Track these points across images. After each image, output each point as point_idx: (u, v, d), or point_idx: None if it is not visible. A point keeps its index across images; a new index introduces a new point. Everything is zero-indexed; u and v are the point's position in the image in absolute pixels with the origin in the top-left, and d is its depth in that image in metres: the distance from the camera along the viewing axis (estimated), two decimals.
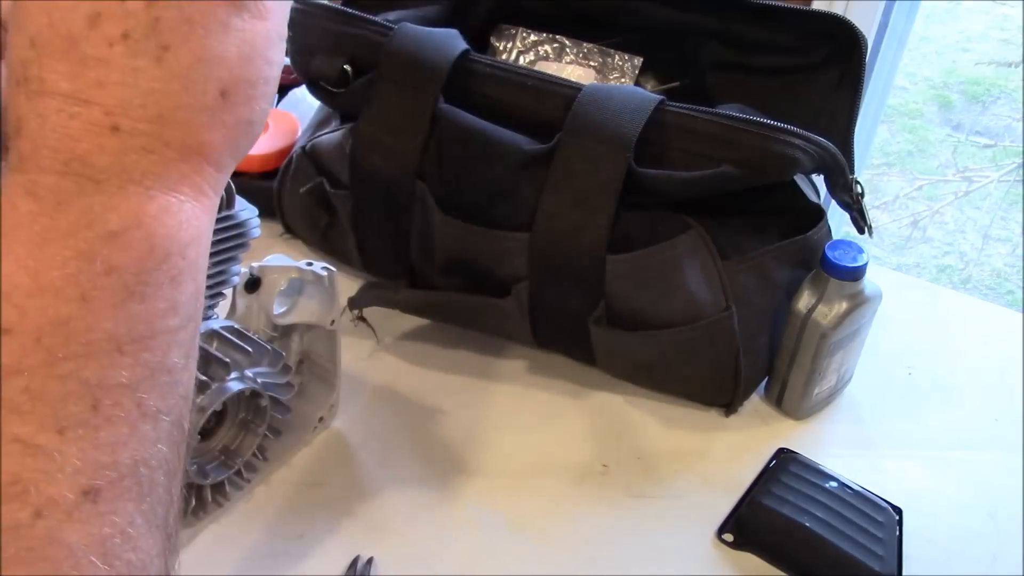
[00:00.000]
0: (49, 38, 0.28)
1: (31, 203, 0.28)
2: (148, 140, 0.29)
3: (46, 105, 0.28)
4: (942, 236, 2.55)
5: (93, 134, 0.28)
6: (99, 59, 0.28)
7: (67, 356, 0.27)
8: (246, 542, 0.54)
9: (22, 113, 0.28)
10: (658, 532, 0.56)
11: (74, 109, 0.28)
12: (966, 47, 3.30)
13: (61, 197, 0.28)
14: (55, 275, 0.27)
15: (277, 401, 0.54)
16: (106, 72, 0.28)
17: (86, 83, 0.28)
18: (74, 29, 0.28)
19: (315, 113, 0.77)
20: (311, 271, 0.54)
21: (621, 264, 0.59)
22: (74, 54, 0.28)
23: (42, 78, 0.28)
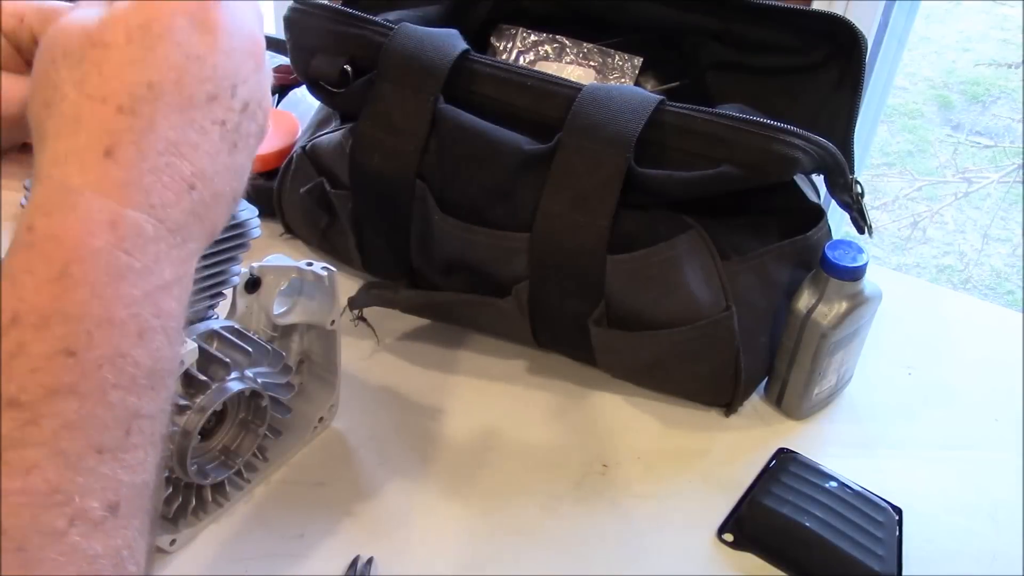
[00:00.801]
0: (170, 91, 0.33)
1: (111, 234, 0.31)
2: (204, 209, 0.34)
3: (150, 144, 0.32)
4: (942, 236, 2.56)
5: (178, 187, 0.33)
6: (202, 128, 0.34)
7: (117, 385, 0.30)
8: (246, 542, 0.54)
9: (122, 140, 0.32)
10: (658, 532, 0.56)
11: (172, 158, 0.33)
12: (966, 47, 3.30)
13: (140, 239, 0.31)
14: (124, 312, 0.31)
15: (277, 401, 0.54)
16: (203, 140, 0.34)
17: (187, 141, 0.33)
18: (196, 98, 0.33)
19: (315, 113, 0.77)
20: (311, 271, 0.54)
21: (621, 264, 0.59)
22: (187, 115, 0.33)
23: (154, 119, 0.32)
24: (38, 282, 0.30)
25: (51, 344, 0.30)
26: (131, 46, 0.33)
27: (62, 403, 0.29)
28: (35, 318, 0.30)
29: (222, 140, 0.35)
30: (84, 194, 0.31)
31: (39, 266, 0.30)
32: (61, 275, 0.30)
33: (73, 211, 0.31)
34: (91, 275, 0.30)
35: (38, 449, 0.29)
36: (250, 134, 0.37)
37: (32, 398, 0.29)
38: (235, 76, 0.36)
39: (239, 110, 0.36)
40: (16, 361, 0.29)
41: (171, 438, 0.48)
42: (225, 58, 0.35)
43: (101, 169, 0.31)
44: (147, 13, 0.33)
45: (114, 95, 0.32)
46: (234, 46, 0.36)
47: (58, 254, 0.30)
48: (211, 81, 0.34)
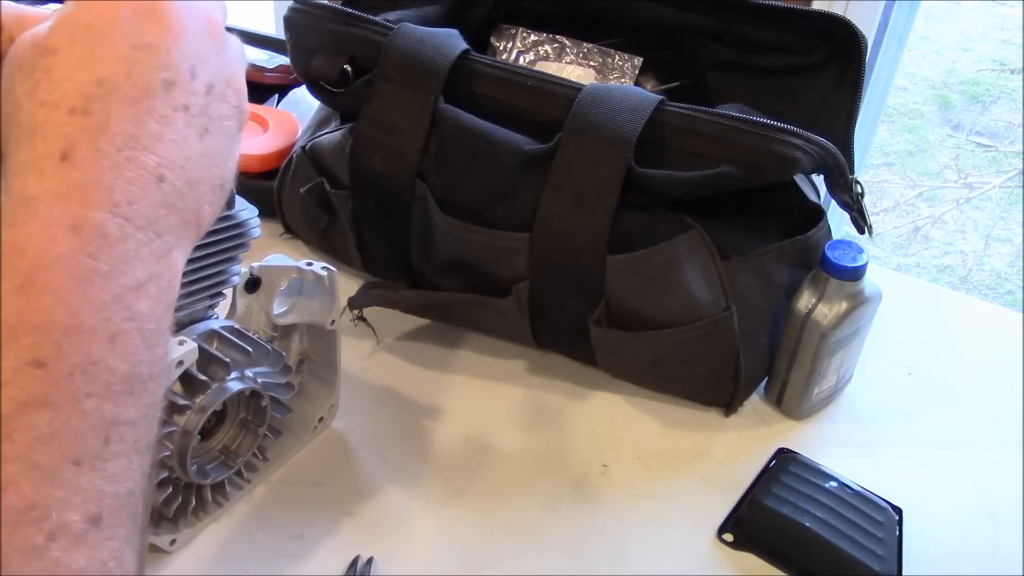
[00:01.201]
0: (122, 84, 0.32)
1: (74, 239, 0.30)
2: (178, 199, 0.33)
3: (107, 142, 0.31)
4: (942, 236, 2.56)
5: (144, 181, 0.32)
6: (163, 117, 0.33)
7: (91, 394, 0.30)
8: (246, 542, 0.54)
9: (77, 141, 0.31)
10: (658, 532, 0.56)
11: (132, 152, 0.32)
12: (966, 47, 3.30)
13: (105, 240, 0.31)
14: (92, 317, 0.30)
15: (277, 401, 0.54)
16: (165, 130, 0.33)
17: (147, 132, 0.32)
18: (150, 86, 0.32)
19: (315, 113, 0.77)
20: (311, 271, 0.54)
21: (621, 264, 0.59)
22: (143, 105, 0.32)
23: (108, 116, 0.31)
24: (3, 295, 0.29)
25: (19, 356, 0.29)
26: (76, 46, 0.32)
27: (34, 416, 0.28)
28: (2, 331, 0.29)
29: (188, 126, 0.34)
30: (44, 201, 0.30)
31: (4, 278, 0.30)
32: (25, 285, 0.29)
33: (34, 219, 0.30)
34: (55, 282, 0.30)
35: (12, 465, 0.28)
36: (222, 116, 0.35)
37: (4, 413, 0.28)
38: (192, 58, 0.34)
39: (203, 92, 0.34)
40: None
41: (171, 438, 0.48)
42: (178, 42, 0.34)
43: (60, 174, 0.31)
44: (91, 11, 0.33)
45: (65, 98, 0.32)
46: (187, 28, 0.34)
47: (21, 264, 0.30)
48: (166, 67, 0.33)
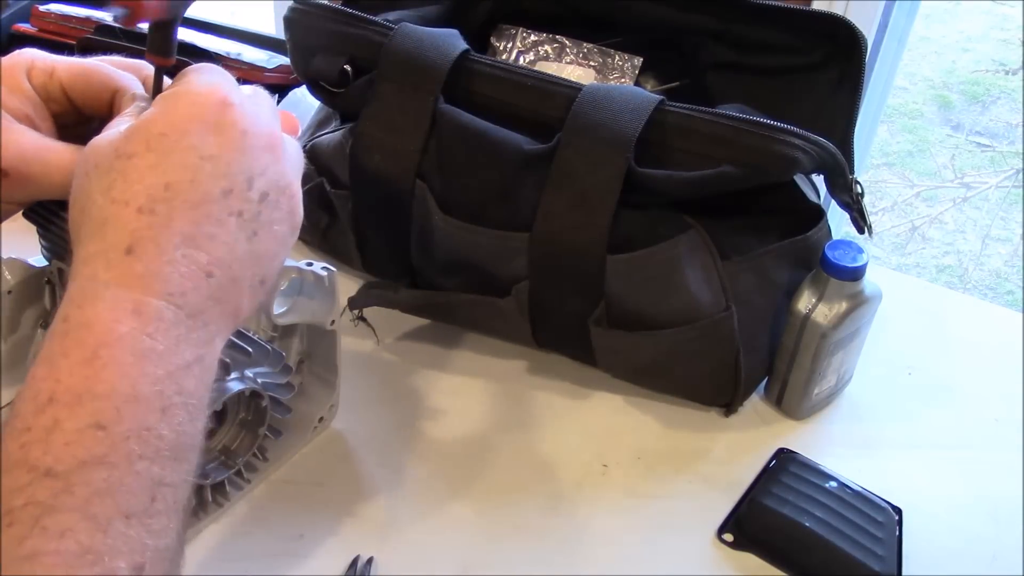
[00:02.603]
0: (185, 190, 0.37)
1: (135, 321, 0.35)
2: (223, 294, 0.38)
3: (167, 239, 0.36)
4: (942, 236, 2.55)
5: (195, 276, 0.37)
6: (218, 221, 0.37)
7: (143, 456, 0.34)
8: (246, 542, 0.54)
9: (141, 237, 0.36)
10: (658, 532, 0.56)
11: (188, 250, 0.36)
12: (966, 47, 3.30)
13: (162, 323, 0.35)
14: (148, 389, 0.34)
15: (277, 401, 0.54)
16: (219, 231, 0.37)
17: (203, 234, 0.37)
18: (210, 193, 0.37)
19: (315, 113, 0.77)
20: (311, 271, 0.54)
21: (621, 264, 0.59)
22: (203, 210, 0.37)
23: (171, 216, 0.36)
24: (72, 364, 0.34)
25: (83, 419, 0.33)
26: (151, 153, 0.37)
27: (93, 472, 0.32)
28: (69, 397, 0.33)
29: (239, 229, 0.38)
30: (110, 287, 0.35)
31: (73, 350, 0.34)
32: (92, 358, 0.34)
33: (101, 301, 0.35)
34: (118, 357, 0.34)
35: (71, 514, 0.31)
36: (273, 221, 0.40)
37: (66, 468, 0.32)
38: (251, 170, 0.39)
39: (257, 200, 0.39)
40: (52, 435, 0.33)
41: None
42: (239, 155, 0.38)
43: (124, 265, 0.35)
44: (166, 121, 0.38)
45: (135, 198, 0.36)
46: (249, 143, 0.39)
47: (89, 339, 0.34)
48: (225, 177, 0.38)
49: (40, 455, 0.32)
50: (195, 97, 0.39)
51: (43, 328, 0.60)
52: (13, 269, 0.58)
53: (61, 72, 0.45)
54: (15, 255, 0.57)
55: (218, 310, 0.38)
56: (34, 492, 0.32)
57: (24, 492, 0.32)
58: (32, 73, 0.44)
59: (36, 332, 0.61)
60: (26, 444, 0.33)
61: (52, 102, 0.45)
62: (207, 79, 0.40)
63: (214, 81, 0.40)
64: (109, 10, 0.41)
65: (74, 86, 0.45)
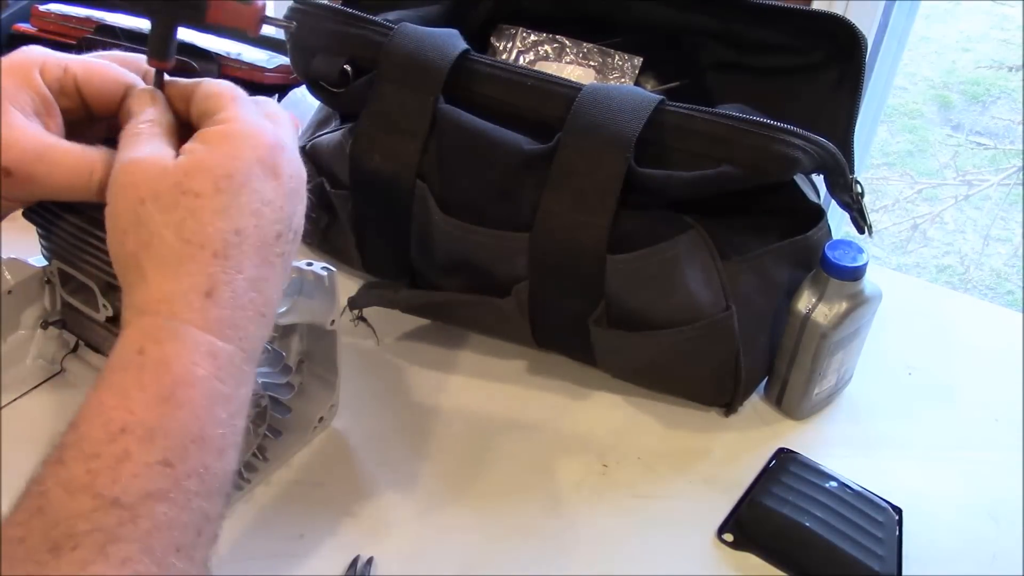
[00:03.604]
0: (252, 235, 0.39)
1: (211, 365, 0.37)
2: (267, 331, 0.40)
3: (239, 285, 0.38)
4: (942, 236, 2.55)
5: (256, 319, 0.39)
6: (271, 263, 0.40)
7: (198, 494, 0.35)
8: (246, 542, 0.54)
9: (219, 282, 0.38)
10: (658, 532, 0.56)
11: (252, 294, 0.39)
12: (966, 47, 3.30)
13: (231, 367, 0.37)
14: (214, 432, 0.36)
15: (277, 401, 0.54)
16: (271, 273, 0.40)
17: (261, 276, 0.39)
18: (268, 238, 0.40)
19: (315, 113, 0.77)
20: (311, 271, 0.54)
21: (621, 264, 0.59)
22: (263, 254, 0.39)
23: (241, 262, 0.38)
24: (148, 399, 0.35)
25: (154, 455, 0.34)
26: (220, 196, 0.38)
27: (156, 506, 0.34)
28: (142, 431, 0.35)
29: (281, 267, 0.41)
30: (190, 329, 0.37)
31: (150, 386, 0.35)
32: (169, 396, 0.35)
33: (181, 342, 0.36)
34: (194, 399, 0.36)
35: (133, 545, 0.33)
36: (293, 254, 0.42)
37: (132, 500, 0.33)
38: (292, 212, 0.41)
39: (291, 239, 0.41)
40: (122, 466, 0.34)
41: None
42: (287, 200, 0.41)
43: (203, 308, 0.37)
44: (231, 164, 0.39)
45: (210, 242, 0.38)
46: (292, 187, 0.41)
47: (167, 378, 0.36)
48: (279, 221, 0.40)
49: (108, 484, 0.33)
50: (253, 139, 0.40)
51: (43, 328, 0.60)
52: (13, 269, 0.58)
53: (75, 68, 0.45)
54: (15, 255, 0.57)
55: (260, 346, 0.40)
56: (100, 519, 0.33)
57: (89, 518, 0.33)
58: (45, 69, 0.44)
59: (36, 332, 0.61)
60: (94, 470, 0.34)
61: (65, 97, 0.45)
62: (255, 116, 0.42)
63: (261, 120, 0.42)
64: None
65: (88, 82, 0.45)
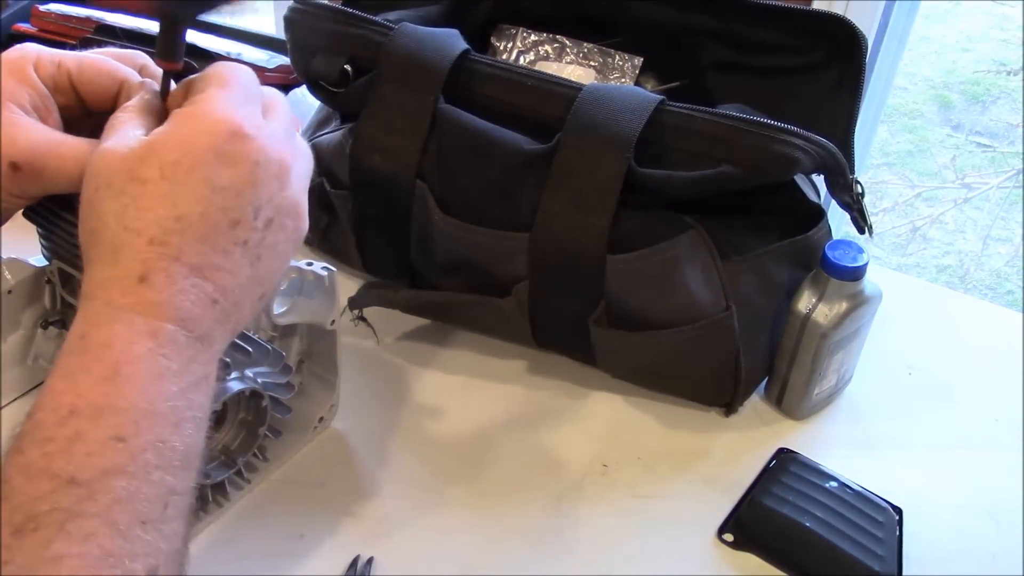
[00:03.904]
0: (196, 223, 0.38)
1: (152, 342, 0.37)
2: (226, 317, 0.39)
3: (177, 271, 0.37)
4: (942, 236, 2.55)
5: (203, 303, 0.38)
6: (224, 251, 0.38)
7: (159, 466, 0.36)
8: (246, 542, 0.54)
9: (153, 268, 0.37)
10: (658, 532, 0.56)
11: (196, 280, 0.38)
12: (966, 47, 3.30)
13: (175, 345, 0.37)
14: (164, 405, 0.36)
15: (277, 401, 0.54)
16: (224, 261, 0.39)
17: (209, 264, 0.38)
18: (219, 226, 0.38)
19: (315, 113, 0.77)
20: (311, 271, 0.54)
21: (621, 264, 0.59)
22: (210, 242, 0.38)
23: (181, 248, 0.37)
24: (93, 380, 0.35)
25: (104, 432, 0.35)
26: (164, 182, 0.37)
27: (113, 481, 0.34)
28: (91, 410, 0.35)
29: (243, 256, 0.39)
30: (126, 312, 0.37)
31: (93, 367, 0.36)
32: (113, 375, 0.36)
33: (119, 323, 0.36)
34: (137, 374, 0.36)
35: (94, 520, 0.33)
36: (277, 242, 0.41)
37: (88, 477, 0.34)
38: (258, 200, 0.39)
39: (262, 227, 0.40)
40: (75, 446, 0.34)
41: None
42: (250, 187, 0.39)
43: (138, 293, 0.37)
44: (180, 149, 0.38)
45: (147, 228, 0.37)
46: (260, 175, 0.39)
47: (109, 358, 0.36)
48: (235, 209, 0.39)
49: (63, 464, 0.34)
50: (211, 124, 0.39)
51: (43, 328, 0.60)
52: (13, 269, 0.58)
53: (69, 64, 0.45)
54: (15, 255, 0.57)
55: (221, 330, 0.40)
56: (58, 499, 0.33)
57: (48, 499, 0.33)
58: (39, 65, 0.44)
59: (36, 332, 0.61)
60: (49, 454, 0.34)
61: (60, 94, 0.45)
62: (226, 100, 0.40)
63: (232, 105, 0.40)
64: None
65: (82, 77, 0.45)
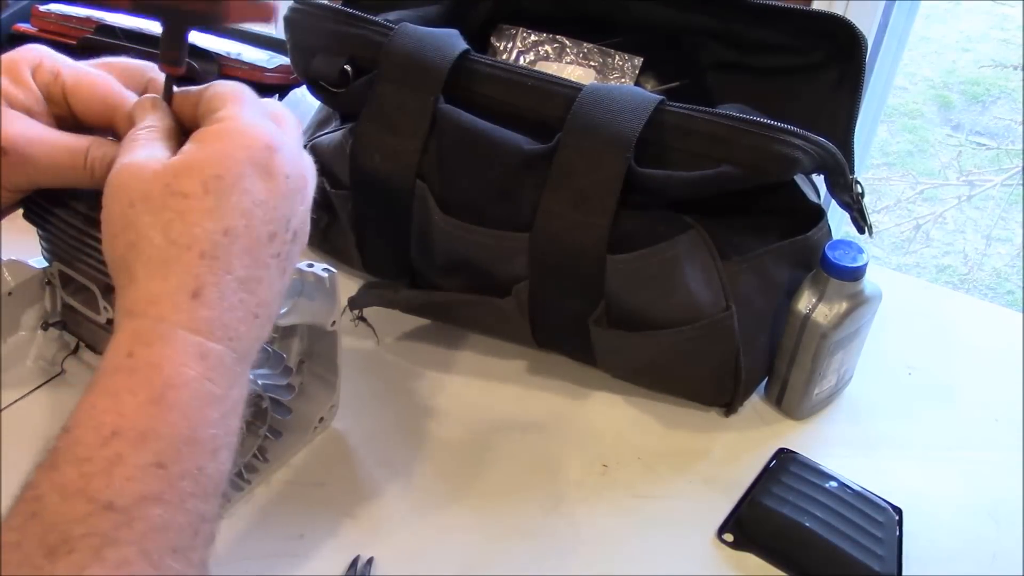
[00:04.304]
0: (242, 235, 0.38)
1: (201, 366, 0.36)
2: (263, 332, 0.40)
3: (228, 285, 0.38)
4: (942, 236, 2.55)
5: (247, 319, 0.38)
6: (264, 264, 0.39)
7: (194, 495, 0.35)
8: (246, 542, 0.54)
9: (205, 282, 0.37)
10: (658, 532, 0.56)
11: (244, 295, 0.38)
12: (966, 47, 3.30)
13: (222, 368, 0.37)
14: (205, 433, 0.36)
15: (278, 402, 0.54)
16: (264, 274, 0.39)
17: (253, 277, 0.39)
18: (260, 239, 0.39)
19: (315, 113, 0.77)
20: (311, 272, 0.54)
21: (621, 264, 0.59)
22: (254, 254, 0.39)
23: (230, 262, 0.38)
24: (139, 403, 0.35)
25: (146, 457, 0.34)
26: (208, 196, 0.38)
27: (151, 509, 0.34)
28: (134, 434, 0.34)
29: (276, 269, 0.40)
30: (177, 331, 0.36)
31: (140, 389, 0.35)
32: (159, 399, 0.35)
33: (170, 344, 0.36)
34: (184, 400, 0.36)
35: (129, 548, 0.33)
36: (294, 255, 0.42)
37: (126, 503, 0.33)
38: (289, 212, 0.41)
39: (290, 240, 0.41)
40: (115, 469, 0.34)
41: None
42: (283, 200, 0.40)
43: (191, 309, 0.37)
44: (222, 164, 0.38)
45: (197, 242, 0.37)
46: (289, 188, 0.41)
47: (157, 380, 0.35)
48: (273, 222, 0.39)
49: (102, 487, 0.33)
50: (246, 139, 0.40)
51: (43, 330, 0.60)
52: (13, 270, 0.58)
53: (66, 77, 0.45)
54: (15, 256, 0.57)
55: (256, 347, 0.40)
56: (95, 523, 0.33)
57: (85, 522, 0.33)
58: (38, 70, 0.44)
59: (36, 333, 0.61)
60: (87, 474, 0.34)
61: (53, 104, 0.45)
62: (252, 116, 0.41)
63: (258, 120, 0.41)
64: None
65: (76, 94, 0.45)
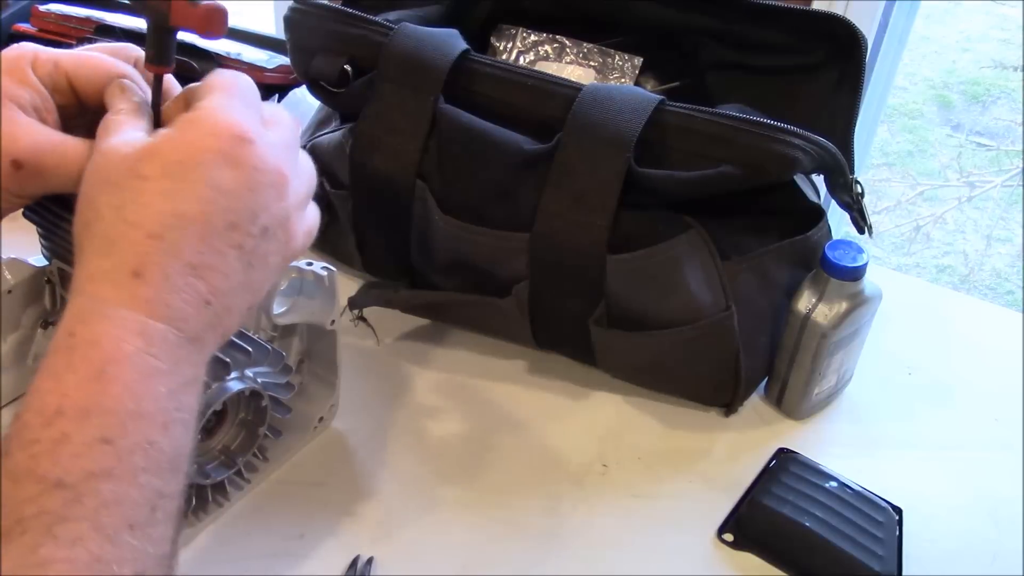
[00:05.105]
0: (195, 220, 0.37)
1: (141, 341, 0.36)
2: (218, 320, 0.39)
3: (173, 267, 0.37)
4: (942, 236, 2.55)
5: (196, 303, 0.38)
6: (220, 252, 0.38)
7: (146, 469, 0.35)
8: (246, 542, 0.54)
9: (150, 261, 0.36)
10: (658, 532, 0.56)
11: (191, 279, 0.37)
12: (966, 47, 3.30)
13: (165, 345, 0.37)
14: (152, 406, 0.36)
15: (277, 401, 0.54)
16: (220, 262, 0.38)
17: (205, 264, 0.38)
18: (217, 226, 0.38)
19: (315, 113, 0.77)
20: (311, 271, 0.54)
21: (621, 264, 0.59)
22: (208, 241, 0.38)
23: (179, 245, 0.37)
24: (79, 380, 0.35)
25: (91, 433, 0.34)
26: (166, 179, 0.37)
27: (101, 484, 0.33)
28: (77, 411, 0.34)
29: (238, 260, 0.39)
30: (116, 308, 0.36)
31: (80, 366, 0.35)
32: (99, 374, 0.35)
33: (108, 320, 0.36)
34: (125, 374, 0.35)
35: (81, 524, 0.33)
36: (268, 253, 0.41)
37: (75, 480, 0.33)
38: (256, 206, 0.39)
39: (258, 235, 0.40)
40: (61, 448, 0.33)
41: None
42: (249, 192, 0.39)
43: (131, 287, 0.36)
44: (184, 150, 0.38)
45: (145, 221, 0.37)
46: (259, 181, 0.40)
47: (96, 356, 0.35)
48: (233, 212, 0.39)
49: (49, 466, 0.33)
50: (215, 127, 0.39)
51: (43, 328, 0.60)
52: (13, 269, 0.58)
53: (65, 62, 0.44)
54: (15, 255, 0.57)
55: (212, 334, 0.39)
56: (45, 502, 0.33)
57: (35, 502, 0.33)
58: (37, 65, 0.44)
59: (36, 332, 0.61)
60: (35, 455, 0.33)
61: (58, 93, 0.45)
62: (229, 106, 0.40)
63: (236, 111, 0.40)
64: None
65: (79, 76, 0.45)
